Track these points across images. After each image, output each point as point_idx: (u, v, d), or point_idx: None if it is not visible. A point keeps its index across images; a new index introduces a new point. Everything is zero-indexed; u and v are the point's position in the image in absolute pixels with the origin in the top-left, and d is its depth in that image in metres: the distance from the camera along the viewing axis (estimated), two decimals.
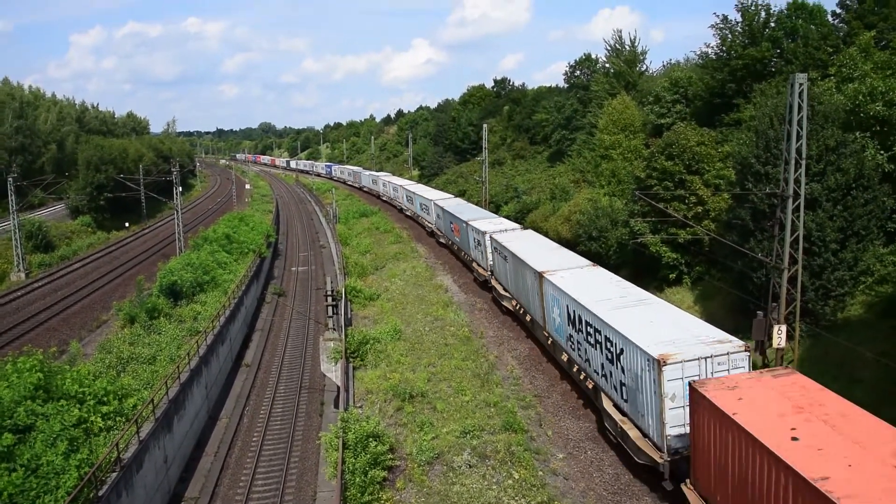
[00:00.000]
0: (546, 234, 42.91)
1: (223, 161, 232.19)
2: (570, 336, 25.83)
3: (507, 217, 52.31)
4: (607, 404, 22.19)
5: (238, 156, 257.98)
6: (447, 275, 48.10)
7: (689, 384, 16.56)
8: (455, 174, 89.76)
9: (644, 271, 37.60)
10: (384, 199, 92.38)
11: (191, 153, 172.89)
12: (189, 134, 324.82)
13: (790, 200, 23.00)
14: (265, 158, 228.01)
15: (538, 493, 19.51)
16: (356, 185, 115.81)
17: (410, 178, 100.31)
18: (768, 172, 27.00)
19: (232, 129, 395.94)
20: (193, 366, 26.89)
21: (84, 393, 20.76)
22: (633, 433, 20.10)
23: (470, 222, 45.15)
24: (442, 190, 75.23)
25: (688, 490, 17.22)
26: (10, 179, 51.64)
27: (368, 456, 20.37)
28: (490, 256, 39.93)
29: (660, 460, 18.50)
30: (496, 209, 60.59)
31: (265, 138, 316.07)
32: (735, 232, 28.85)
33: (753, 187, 27.52)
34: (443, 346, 32.06)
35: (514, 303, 35.20)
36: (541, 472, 20.73)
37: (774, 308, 23.98)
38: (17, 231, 51.52)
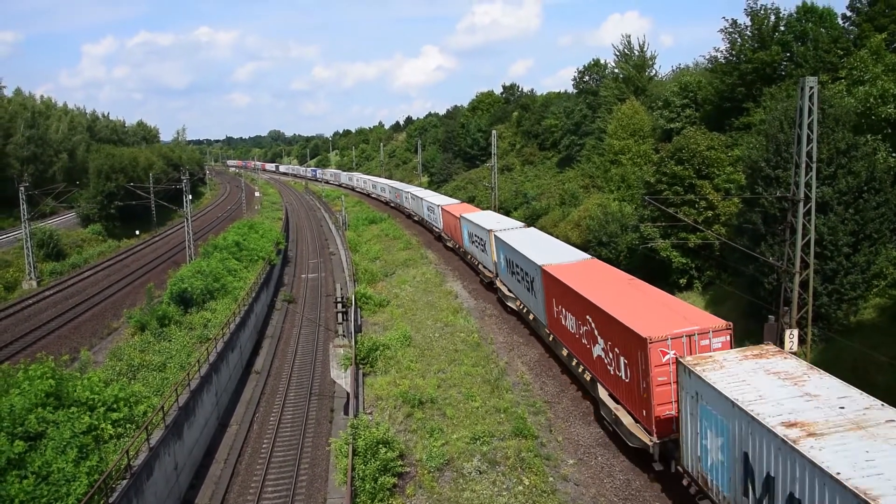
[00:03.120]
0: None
1: (232, 168, 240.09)
2: None
3: (517, 218, 51.80)
4: None
5: (229, 161, 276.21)
6: (457, 281, 48.06)
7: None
8: (464, 180, 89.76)
9: (654, 276, 37.22)
10: (358, 190, 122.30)
11: (200, 161, 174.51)
12: (199, 142, 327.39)
13: (801, 204, 22.82)
14: (256, 164, 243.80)
15: (549, 499, 19.40)
16: (336, 183, 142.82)
17: (420, 185, 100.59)
18: (779, 176, 26.81)
19: (241, 137, 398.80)
20: (203, 373, 26.95)
21: (95, 400, 20.86)
22: None
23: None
24: (451, 196, 75.48)
25: None
26: (22, 188, 52.14)
27: (378, 462, 20.33)
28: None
29: None
30: (506, 214, 60.40)
31: (275, 146, 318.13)
32: (746, 236, 28.64)
33: (764, 191, 27.32)
34: (452, 352, 31.99)
35: None
36: (551, 479, 20.61)
37: (786, 312, 23.78)
38: (28, 240, 51.95)
